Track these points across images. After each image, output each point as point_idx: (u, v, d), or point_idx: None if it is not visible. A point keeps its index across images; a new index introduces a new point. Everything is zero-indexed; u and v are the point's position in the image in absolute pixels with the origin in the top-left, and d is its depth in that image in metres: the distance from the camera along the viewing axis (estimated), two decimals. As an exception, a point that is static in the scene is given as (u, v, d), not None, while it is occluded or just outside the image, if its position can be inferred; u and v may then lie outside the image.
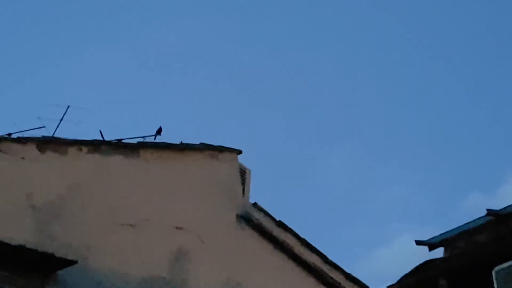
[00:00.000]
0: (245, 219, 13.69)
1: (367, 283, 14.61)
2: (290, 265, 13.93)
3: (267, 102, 35.85)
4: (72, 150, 12.41)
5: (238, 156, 14.11)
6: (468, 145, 36.29)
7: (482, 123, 35.85)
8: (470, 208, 33.20)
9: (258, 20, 37.42)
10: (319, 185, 34.11)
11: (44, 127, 13.24)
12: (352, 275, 14.45)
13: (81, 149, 12.49)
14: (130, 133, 13.87)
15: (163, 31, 34.88)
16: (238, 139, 26.20)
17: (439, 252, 10.35)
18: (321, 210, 32.76)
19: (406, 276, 10.10)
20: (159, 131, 14.16)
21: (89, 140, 12.66)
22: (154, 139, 13.97)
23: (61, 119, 13.54)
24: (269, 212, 14.10)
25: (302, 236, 14.24)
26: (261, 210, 14.02)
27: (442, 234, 10.31)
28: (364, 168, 36.23)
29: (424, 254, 10.33)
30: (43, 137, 12.54)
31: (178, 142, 13.53)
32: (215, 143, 13.89)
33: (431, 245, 10.32)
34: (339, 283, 14.28)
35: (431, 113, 36.84)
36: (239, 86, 35.59)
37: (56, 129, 13.40)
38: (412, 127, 36.75)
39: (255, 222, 13.76)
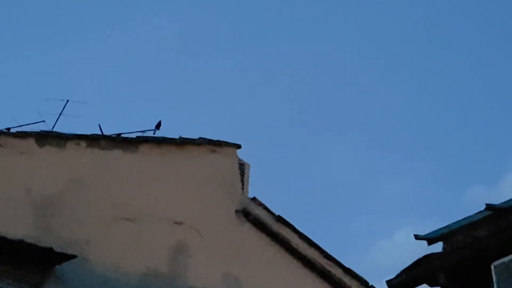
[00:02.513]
0: (244, 214, 13.69)
1: (366, 277, 14.61)
2: (289, 260, 13.92)
3: (267, 95, 35.81)
4: (71, 144, 12.40)
5: (238, 150, 14.11)
6: (471, 137, 36.23)
7: (487, 115, 35.77)
8: (472, 201, 33.18)
9: (259, 10, 37.36)
10: (319, 178, 34.07)
11: (43, 121, 13.28)
12: (351, 270, 14.44)
13: (80, 144, 12.48)
14: (129, 128, 13.91)
15: (161, 23, 34.82)
16: (237, 134, 26.19)
17: (438, 247, 10.36)
18: (322, 203, 32.72)
19: (404, 271, 10.10)
20: (158, 126, 14.17)
21: (88, 135, 12.65)
22: (154, 133, 13.99)
23: (60, 114, 13.58)
24: (269, 207, 14.10)
25: (302, 230, 14.24)
26: (261, 205, 14.01)
27: (441, 228, 10.30)
28: (366, 159, 36.17)
29: (423, 248, 10.33)
30: (42, 131, 12.53)
31: (177, 137, 13.53)
32: (214, 138, 13.89)
33: (430, 239, 10.31)
34: (338, 278, 14.28)
35: (434, 104, 36.77)
36: (237, 79, 35.54)
37: (55, 123, 13.44)
38: (416, 118, 36.63)
39: (254, 217, 13.75)
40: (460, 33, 37.37)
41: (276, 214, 14.07)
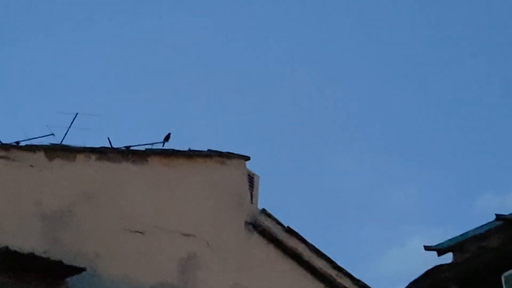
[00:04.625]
0: (254, 225, 13.69)
1: (376, 287, 14.58)
2: (299, 271, 13.91)
3: (275, 106, 35.77)
4: (80, 157, 12.44)
5: (246, 162, 14.11)
6: (482, 143, 35.99)
7: (498, 121, 35.52)
8: (483, 209, 32.97)
9: (263, 18, 37.36)
10: (329, 186, 33.92)
11: (52, 134, 13.30)
12: (360, 281, 14.42)
13: (89, 157, 12.51)
14: (138, 140, 13.92)
15: (170, 34, 34.86)
16: (246, 145, 26.15)
17: (448, 257, 10.34)
18: (331, 211, 32.62)
19: (415, 282, 10.09)
20: (167, 138, 14.18)
21: (97, 147, 12.69)
22: (163, 145, 14.00)
23: (70, 127, 13.60)
24: (278, 218, 14.09)
25: (311, 241, 14.23)
26: (270, 216, 14.01)
27: (451, 239, 10.29)
28: (376, 167, 35.98)
29: (433, 259, 10.31)
30: (52, 144, 12.58)
31: (186, 149, 13.54)
32: (223, 150, 13.90)
33: (440, 250, 10.30)
34: (348, 289, 14.26)
35: (445, 110, 36.63)
36: (246, 91, 35.55)
37: (64, 136, 13.46)
38: (426, 124, 36.44)
39: (264, 228, 13.75)
40: (470, 36, 37.21)
41: (285, 225, 14.06)
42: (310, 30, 37.44)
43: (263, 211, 14.00)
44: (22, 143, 12.58)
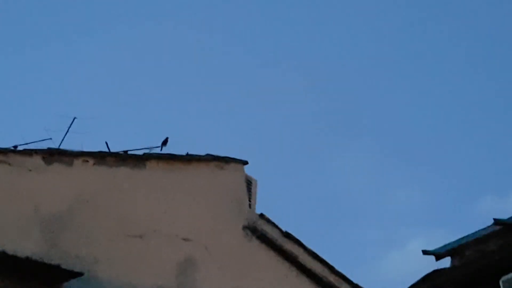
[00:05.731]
0: (252, 230, 13.68)
1: (375, 292, 14.57)
2: (297, 276, 13.89)
3: (273, 108, 35.74)
4: (78, 161, 12.45)
5: (245, 166, 14.11)
6: (484, 146, 35.93)
7: (500, 123, 35.46)
8: (484, 212, 32.94)
9: (261, 22, 37.34)
10: (328, 188, 33.86)
11: (50, 138, 13.31)
12: (359, 286, 14.41)
13: (87, 161, 12.53)
14: (136, 144, 13.94)
15: (168, 39, 34.85)
16: (244, 150, 26.10)
17: (446, 262, 10.34)
18: (330, 215, 32.57)
19: (413, 286, 10.08)
20: (165, 142, 14.21)
21: (95, 152, 12.70)
22: (161, 150, 14.03)
23: (67, 131, 13.62)
24: (276, 222, 14.09)
25: (309, 246, 14.22)
26: (268, 221, 14.00)
27: (449, 243, 10.29)
28: (376, 168, 35.91)
29: (432, 262, 10.31)
30: (49, 148, 12.60)
31: (184, 153, 13.56)
32: (221, 154, 13.91)
33: (438, 254, 10.29)
34: (346, 294, 14.24)
35: (447, 112, 36.56)
36: (244, 95, 35.53)
37: (62, 140, 13.47)
38: (427, 126, 36.36)
39: (262, 233, 13.74)
40: (472, 36, 37.16)
41: (284, 230, 14.05)
42: (308, 31, 37.46)
43: (261, 216, 13.99)
44: (20, 147, 12.61)
